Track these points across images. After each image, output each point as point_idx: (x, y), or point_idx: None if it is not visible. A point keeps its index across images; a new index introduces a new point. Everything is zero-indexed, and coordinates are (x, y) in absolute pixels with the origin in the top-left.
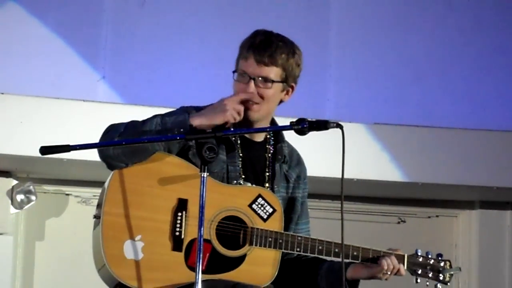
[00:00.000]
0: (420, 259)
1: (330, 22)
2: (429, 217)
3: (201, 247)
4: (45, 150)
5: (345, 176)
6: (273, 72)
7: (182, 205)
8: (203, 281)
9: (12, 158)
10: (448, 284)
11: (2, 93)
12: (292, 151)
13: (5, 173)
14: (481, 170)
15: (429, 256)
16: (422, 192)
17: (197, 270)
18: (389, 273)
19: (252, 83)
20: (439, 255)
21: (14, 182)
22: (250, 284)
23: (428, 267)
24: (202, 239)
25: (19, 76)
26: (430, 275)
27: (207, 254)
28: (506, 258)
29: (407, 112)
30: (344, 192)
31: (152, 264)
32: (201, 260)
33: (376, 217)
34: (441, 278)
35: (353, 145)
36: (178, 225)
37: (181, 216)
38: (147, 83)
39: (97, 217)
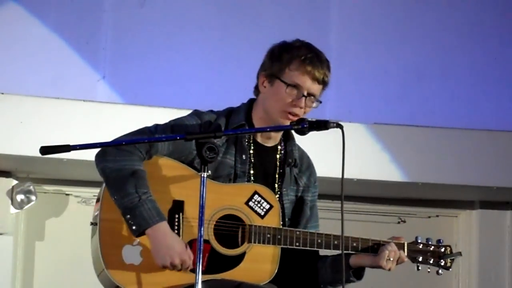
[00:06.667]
0: (420, 246)
1: (330, 22)
2: (429, 217)
3: (201, 247)
4: (45, 150)
5: (345, 176)
6: (320, 91)
7: (178, 206)
8: (206, 282)
9: (12, 158)
10: (450, 269)
11: (2, 93)
12: (303, 154)
13: (5, 173)
14: (481, 170)
15: (429, 243)
16: (422, 192)
17: (197, 270)
18: (391, 259)
19: (303, 100)
20: (439, 240)
21: (14, 182)
22: (253, 284)
23: (428, 254)
24: (202, 239)
25: (19, 76)
26: (431, 261)
27: (206, 254)
28: (506, 258)
29: (407, 112)
30: (344, 192)
31: (152, 268)
32: (201, 260)
33: (376, 217)
34: (442, 264)
35: (353, 145)
36: (175, 227)
37: (178, 218)
38: (147, 83)
39: (94, 224)
